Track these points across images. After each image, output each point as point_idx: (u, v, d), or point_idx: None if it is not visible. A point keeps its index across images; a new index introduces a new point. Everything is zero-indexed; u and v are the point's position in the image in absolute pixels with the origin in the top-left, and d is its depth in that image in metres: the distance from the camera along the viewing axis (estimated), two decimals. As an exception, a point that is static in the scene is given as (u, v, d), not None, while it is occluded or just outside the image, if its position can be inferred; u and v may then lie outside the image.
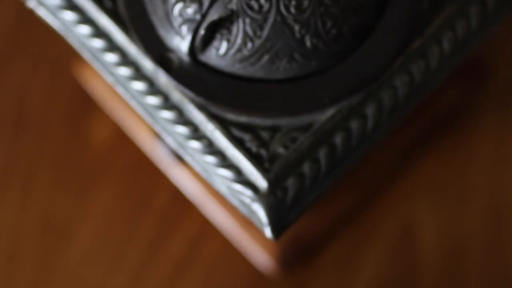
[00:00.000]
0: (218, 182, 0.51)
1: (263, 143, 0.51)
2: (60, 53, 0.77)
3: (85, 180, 0.74)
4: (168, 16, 0.51)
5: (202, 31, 0.50)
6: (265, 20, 0.50)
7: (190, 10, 0.50)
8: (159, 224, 0.73)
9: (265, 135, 0.51)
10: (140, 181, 0.74)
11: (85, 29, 0.54)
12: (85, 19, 0.54)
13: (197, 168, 0.52)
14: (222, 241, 0.72)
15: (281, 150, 0.51)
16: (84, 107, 0.76)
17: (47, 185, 0.74)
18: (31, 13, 0.57)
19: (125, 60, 0.53)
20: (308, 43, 0.50)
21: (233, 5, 0.50)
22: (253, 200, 0.50)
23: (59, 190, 0.74)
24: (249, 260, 0.72)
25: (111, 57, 0.53)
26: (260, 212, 0.50)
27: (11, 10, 0.78)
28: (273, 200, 0.50)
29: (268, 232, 0.50)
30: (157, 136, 0.69)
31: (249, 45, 0.50)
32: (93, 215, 0.73)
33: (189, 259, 0.72)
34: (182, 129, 0.52)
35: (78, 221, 0.73)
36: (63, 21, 0.54)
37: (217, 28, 0.50)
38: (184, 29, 0.51)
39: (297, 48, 0.50)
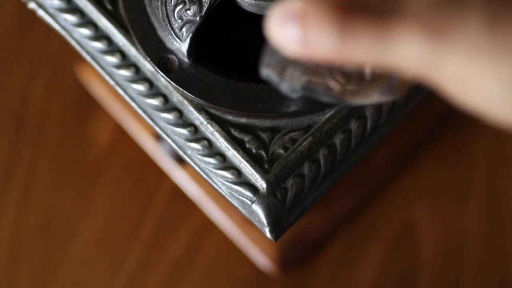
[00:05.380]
0: (218, 183, 0.51)
1: (263, 144, 0.51)
2: (61, 54, 0.77)
3: (86, 180, 0.74)
4: (167, 18, 0.51)
5: None
6: None
7: (190, 12, 0.50)
8: (159, 224, 0.73)
9: (264, 136, 0.51)
10: (140, 181, 0.74)
11: (85, 31, 0.54)
12: (86, 21, 0.54)
13: (197, 169, 0.52)
14: (222, 242, 0.72)
15: (280, 151, 0.51)
16: (85, 107, 0.76)
17: (47, 185, 0.74)
18: (32, 14, 0.57)
19: (125, 62, 0.53)
20: None
21: None
22: (253, 201, 0.50)
23: (59, 190, 0.74)
24: (249, 260, 0.72)
25: (111, 59, 0.53)
26: (259, 213, 0.50)
27: (12, 11, 0.78)
28: (272, 201, 0.50)
29: (267, 232, 0.50)
30: (158, 137, 0.69)
31: None
32: (93, 215, 0.73)
33: (189, 259, 0.72)
34: (182, 131, 0.52)
35: (78, 221, 0.73)
36: (64, 23, 0.54)
37: None
38: (184, 31, 0.51)
39: None
